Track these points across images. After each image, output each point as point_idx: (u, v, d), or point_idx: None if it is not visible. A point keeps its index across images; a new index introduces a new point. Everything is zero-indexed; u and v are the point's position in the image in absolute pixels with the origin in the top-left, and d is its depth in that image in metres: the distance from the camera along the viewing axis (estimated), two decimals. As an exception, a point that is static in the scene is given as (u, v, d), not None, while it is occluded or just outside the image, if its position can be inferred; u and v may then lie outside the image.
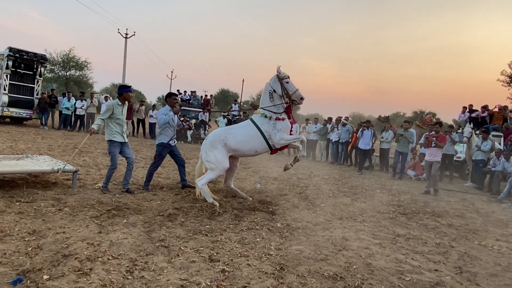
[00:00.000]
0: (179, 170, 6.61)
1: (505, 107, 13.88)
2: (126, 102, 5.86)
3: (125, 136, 5.82)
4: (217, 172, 5.62)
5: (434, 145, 8.62)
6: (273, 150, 5.77)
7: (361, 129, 12.14)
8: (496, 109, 13.53)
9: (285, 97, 5.56)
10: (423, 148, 9.58)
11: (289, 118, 5.73)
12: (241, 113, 18.95)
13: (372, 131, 12.15)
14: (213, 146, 5.66)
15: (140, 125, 17.45)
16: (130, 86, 5.95)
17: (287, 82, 5.53)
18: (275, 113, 5.58)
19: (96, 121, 5.72)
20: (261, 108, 5.67)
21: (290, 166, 5.85)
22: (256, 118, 5.70)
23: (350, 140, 13.42)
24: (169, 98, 6.34)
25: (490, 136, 11.41)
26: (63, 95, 16.57)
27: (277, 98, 5.60)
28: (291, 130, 5.77)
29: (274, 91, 5.59)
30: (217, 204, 5.34)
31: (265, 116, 5.60)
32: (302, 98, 5.52)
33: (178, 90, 20.37)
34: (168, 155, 6.45)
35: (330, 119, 15.16)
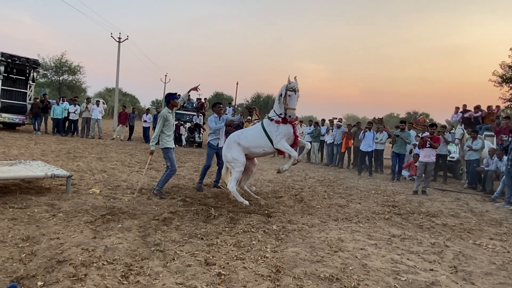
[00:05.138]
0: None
1: (497, 107, 14.03)
2: (174, 108, 6.17)
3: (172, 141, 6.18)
4: (237, 169, 6.02)
5: (429, 145, 8.70)
6: (278, 150, 6.05)
7: (362, 131, 12.09)
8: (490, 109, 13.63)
9: (284, 107, 5.78)
10: (417, 148, 9.64)
11: (291, 123, 5.88)
12: (234, 115, 18.94)
13: (374, 132, 12.07)
14: (229, 147, 6.18)
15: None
16: (176, 93, 6.27)
17: (289, 96, 5.71)
18: (278, 116, 5.84)
19: (153, 139, 5.99)
20: (273, 110, 6.01)
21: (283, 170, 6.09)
22: (264, 120, 6.07)
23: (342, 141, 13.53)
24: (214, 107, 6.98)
25: (482, 136, 11.51)
26: (62, 99, 16.36)
27: (284, 102, 5.82)
28: (296, 139, 5.96)
29: (281, 95, 5.83)
30: (248, 204, 5.75)
31: (269, 118, 5.95)
32: (290, 116, 5.73)
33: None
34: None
35: (323, 121, 15.25)
